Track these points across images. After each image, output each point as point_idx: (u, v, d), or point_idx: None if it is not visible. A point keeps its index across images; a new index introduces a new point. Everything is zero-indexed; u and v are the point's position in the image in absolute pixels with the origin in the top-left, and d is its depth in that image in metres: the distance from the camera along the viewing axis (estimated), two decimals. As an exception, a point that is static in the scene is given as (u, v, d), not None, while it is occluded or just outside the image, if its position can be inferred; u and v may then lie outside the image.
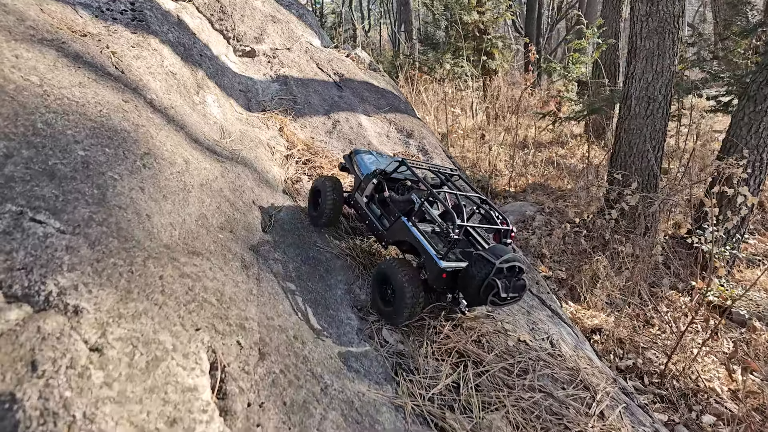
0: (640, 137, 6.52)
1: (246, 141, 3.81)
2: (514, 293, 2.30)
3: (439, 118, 11.20)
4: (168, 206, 2.39)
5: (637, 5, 6.45)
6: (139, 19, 3.86)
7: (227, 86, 4.31)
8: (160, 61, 3.67)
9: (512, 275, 2.28)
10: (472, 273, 2.26)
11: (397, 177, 2.97)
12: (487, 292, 2.22)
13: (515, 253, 2.31)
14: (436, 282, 2.37)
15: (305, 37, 5.58)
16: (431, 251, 2.38)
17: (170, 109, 3.30)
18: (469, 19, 12.54)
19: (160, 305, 1.66)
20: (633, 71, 6.55)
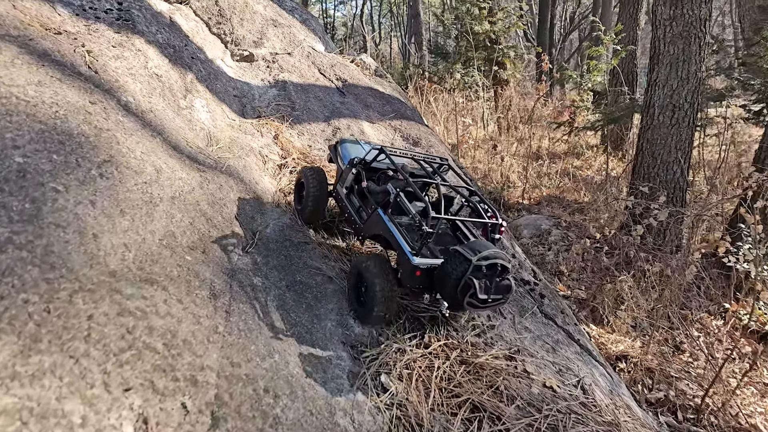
0: (665, 148, 6.03)
1: (235, 149, 3.43)
2: (497, 295, 2.04)
3: (449, 129, 10.81)
4: (125, 223, 2.00)
5: (659, 9, 6.00)
6: (125, 18, 3.51)
7: (220, 91, 3.95)
8: (144, 63, 3.31)
9: (494, 274, 2.03)
10: (447, 270, 2.02)
11: (380, 167, 2.73)
12: (464, 293, 1.98)
13: (498, 250, 2.06)
14: (410, 280, 2.16)
15: (307, 42, 5.22)
16: (404, 246, 2.16)
17: (149, 113, 2.93)
18: (480, 29, 12.16)
19: (78, 358, 1.26)
20: (656, 78, 6.07)
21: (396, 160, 2.58)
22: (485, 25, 12.24)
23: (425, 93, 11.70)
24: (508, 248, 3.48)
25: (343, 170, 2.81)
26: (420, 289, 2.25)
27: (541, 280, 3.24)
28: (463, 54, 12.04)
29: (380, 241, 2.57)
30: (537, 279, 3.19)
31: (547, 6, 17.68)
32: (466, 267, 1.96)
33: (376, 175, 2.76)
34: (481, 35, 12.33)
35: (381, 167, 2.74)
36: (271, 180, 3.35)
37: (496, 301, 2.06)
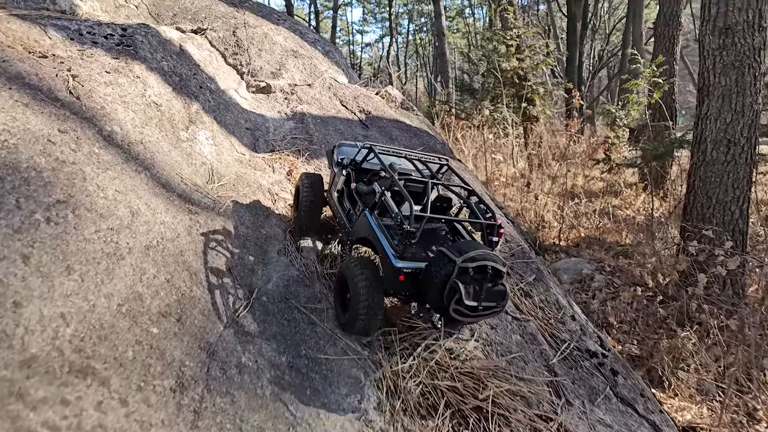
0: (721, 186, 5.33)
1: (241, 186, 2.94)
2: (489, 302, 1.79)
3: (478, 166, 10.31)
4: (69, 285, 1.48)
5: (707, 38, 5.42)
6: (126, 44, 3.14)
7: (230, 123, 3.52)
8: (142, 90, 2.90)
9: (484, 279, 1.79)
10: (430, 274, 1.82)
11: (372, 168, 2.48)
12: (450, 298, 1.75)
13: (489, 251, 1.84)
14: (393, 285, 1.92)
15: (329, 74, 4.83)
16: (387, 248, 1.94)
17: (137, 144, 2.47)
18: (507, 66, 11.81)
19: None
20: (707, 111, 5.44)
21: (390, 160, 2.37)
22: (513, 62, 11.89)
23: (453, 129, 11.31)
24: (565, 307, 2.84)
25: (335, 173, 2.60)
26: (406, 296, 2.01)
27: (610, 350, 2.58)
28: (491, 90, 11.65)
29: (368, 245, 2.29)
30: (605, 349, 2.53)
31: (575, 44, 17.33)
32: (450, 269, 1.74)
33: (367, 176, 2.50)
34: (509, 72, 11.97)
35: (374, 168, 2.49)
36: (280, 222, 2.84)
37: (488, 309, 1.80)
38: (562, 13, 20.15)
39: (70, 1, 3.30)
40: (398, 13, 23.90)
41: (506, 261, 3.12)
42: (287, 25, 5.19)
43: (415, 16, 24.50)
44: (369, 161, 2.45)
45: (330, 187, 2.69)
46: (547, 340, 2.54)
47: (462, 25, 25.07)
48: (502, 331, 2.45)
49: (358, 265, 2.02)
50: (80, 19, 3.07)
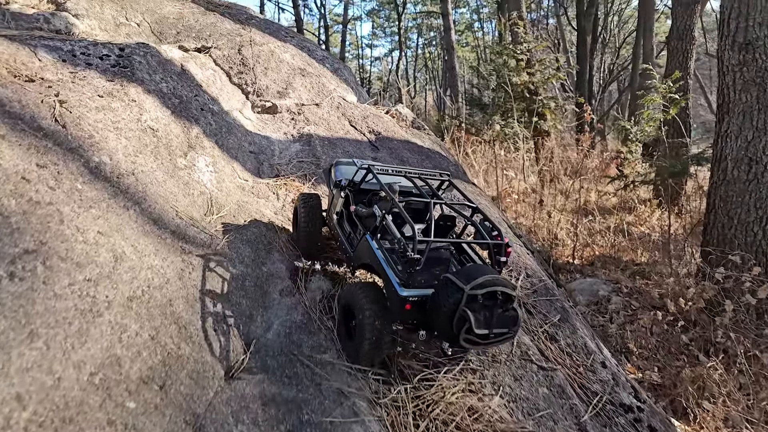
0: (743, 206, 5.06)
1: (242, 217, 2.72)
2: (501, 329, 1.71)
3: (488, 181, 10.08)
4: (31, 355, 1.25)
5: (726, 54, 5.19)
6: (122, 65, 2.96)
7: (233, 147, 3.31)
8: (137, 115, 2.70)
9: (494, 305, 1.71)
10: (438, 302, 1.72)
11: (371, 188, 2.37)
12: (459, 327, 1.65)
13: (498, 276, 1.74)
14: (399, 314, 1.81)
15: (338, 92, 4.63)
16: (391, 276, 1.84)
17: (128, 176, 2.27)
18: (518, 81, 11.61)
19: None
20: (727, 129, 5.19)
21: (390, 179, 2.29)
22: (523, 76, 11.69)
23: (463, 145, 11.10)
24: (594, 352, 2.57)
25: (333, 194, 2.49)
26: (414, 324, 1.87)
27: (646, 401, 2.31)
28: (502, 105, 11.44)
29: (372, 272, 2.20)
30: (641, 401, 2.26)
31: (586, 57, 17.12)
32: (458, 297, 1.65)
33: (367, 197, 2.38)
34: (520, 86, 11.77)
35: (373, 188, 2.37)
36: (283, 257, 2.60)
37: (500, 336, 1.72)
38: (572, 27, 19.96)
39: (66, 20, 3.14)
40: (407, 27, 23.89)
41: (528, 299, 2.86)
42: (295, 42, 5.02)
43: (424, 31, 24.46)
44: (368, 182, 2.32)
45: (329, 208, 2.56)
46: (577, 393, 2.27)
47: (471, 39, 24.96)
48: (527, 383, 2.19)
49: (363, 291, 1.91)
50: (75, 39, 2.90)
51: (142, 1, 4.12)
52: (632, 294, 6.28)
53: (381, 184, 2.11)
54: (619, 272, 7.11)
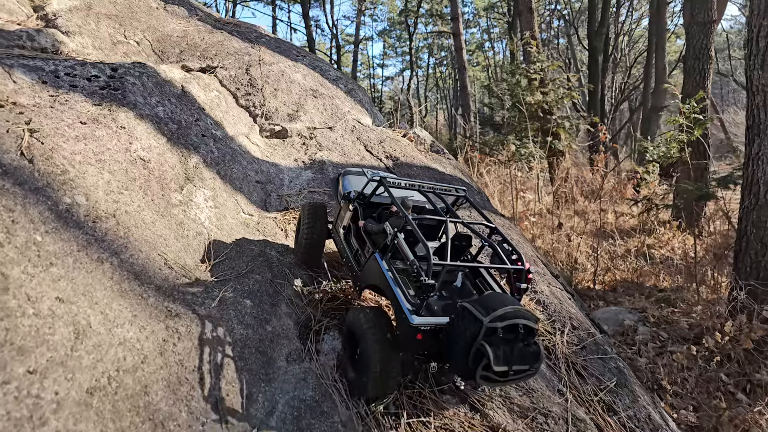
0: (777, 233, 4.68)
1: (244, 261, 2.30)
2: (522, 365, 1.51)
3: (503, 202, 9.67)
4: None
5: (755, 73, 4.82)
6: (113, 87, 2.58)
7: (237, 177, 2.91)
8: (126, 144, 2.31)
9: (515, 339, 1.51)
10: (454, 334, 1.52)
11: (382, 202, 2.17)
12: (477, 363, 1.45)
13: (520, 307, 1.54)
14: (409, 344, 1.60)
15: (352, 115, 4.25)
16: (402, 302, 1.61)
17: (106, 219, 1.86)
18: (532, 100, 11.25)
19: None
20: (758, 151, 4.81)
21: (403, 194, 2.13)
22: (537, 96, 11.35)
23: (476, 165, 10.71)
24: (661, 427, 2.09)
25: (341, 207, 2.25)
26: (425, 355, 1.73)
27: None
28: (516, 125, 11.09)
29: (380, 293, 2.01)
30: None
31: (597, 77, 16.78)
32: (476, 330, 1.49)
33: (377, 211, 2.17)
34: (534, 106, 11.42)
35: (383, 202, 2.18)
36: (292, 310, 2.17)
37: (520, 374, 1.55)
38: (583, 47, 19.63)
39: (53, 38, 2.79)
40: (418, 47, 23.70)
41: (577, 357, 2.39)
42: (307, 62, 4.66)
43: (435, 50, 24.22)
44: (378, 195, 2.11)
45: (335, 221, 2.32)
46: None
47: (482, 59, 24.68)
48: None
49: (368, 317, 1.72)
50: (60, 59, 2.53)
51: (143, 19, 3.78)
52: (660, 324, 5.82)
53: (393, 199, 1.90)
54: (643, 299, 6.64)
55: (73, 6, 3.23)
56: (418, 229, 1.72)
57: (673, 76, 19.55)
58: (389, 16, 23.89)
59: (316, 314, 2.17)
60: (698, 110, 8.02)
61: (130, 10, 3.82)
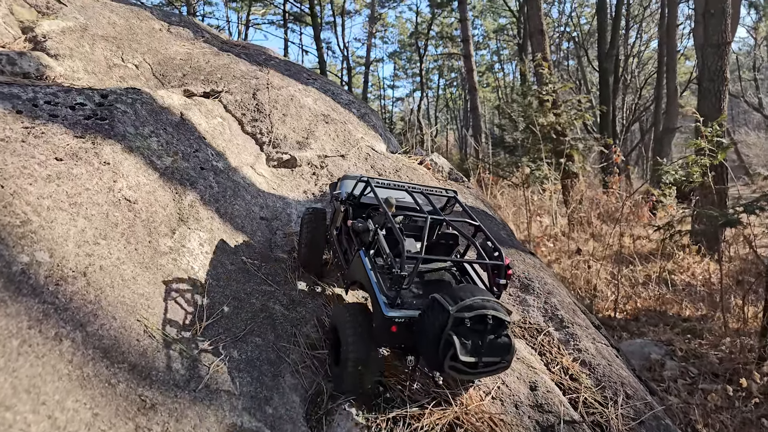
0: (811, 261, 4.25)
1: (244, 316, 1.93)
2: (491, 357, 1.51)
3: (517, 224, 9.30)
4: None
5: None
6: (99, 117, 2.25)
7: (238, 214, 2.56)
8: (109, 183, 1.96)
9: (484, 330, 1.50)
10: (424, 325, 1.53)
11: (372, 203, 2.15)
12: (445, 353, 1.46)
13: (490, 298, 1.54)
14: (385, 337, 1.60)
15: (366, 141, 3.90)
16: (378, 294, 1.63)
17: (75, 279, 1.50)
18: (544, 121, 10.94)
19: None
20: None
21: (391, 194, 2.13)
22: (550, 117, 11.04)
23: (490, 187, 10.36)
24: None
25: (335, 209, 2.34)
26: (401, 348, 1.70)
27: None
28: (530, 147, 10.77)
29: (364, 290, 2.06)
30: None
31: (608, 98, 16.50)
32: (444, 320, 1.47)
33: (366, 212, 2.16)
34: (547, 127, 11.11)
35: (373, 203, 2.18)
36: (298, 381, 1.78)
37: (490, 366, 1.52)
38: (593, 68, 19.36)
39: (38, 62, 2.48)
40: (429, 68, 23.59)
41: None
42: (318, 85, 4.34)
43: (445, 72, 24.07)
44: (368, 196, 2.13)
45: (331, 223, 2.36)
46: None
47: (492, 80, 24.49)
48: None
49: (349, 312, 1.75)
50: (41, 85, 2.21)
51: (144, 41, 3.49)
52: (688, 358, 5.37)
53: (377, 197, 1.93)
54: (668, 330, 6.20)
55: (67, 27, 2.94)
56: (395, 225, 1.72)
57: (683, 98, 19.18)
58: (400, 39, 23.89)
59: (327, 385, 1.78)
60: (720, 133, 7.64)
61: (131, 32, 3.53)
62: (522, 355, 2.27)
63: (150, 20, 3.84)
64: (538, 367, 2.27)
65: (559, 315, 2.63)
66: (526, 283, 2.81)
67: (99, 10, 3.48)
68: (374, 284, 1.69)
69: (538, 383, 2.12)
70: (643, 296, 7.61)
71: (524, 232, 8.77)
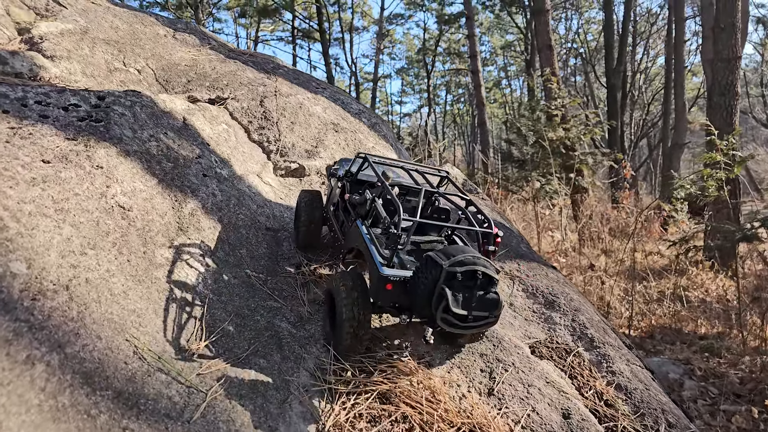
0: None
1: (245, 338, 1.73)
2: (481, 311, 1.59)
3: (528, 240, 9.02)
4: None
5: None
6: (95, 119, 2.08)
7: (243, 224, 2.37)
8: (102, 188, 1.79)
9: (474, 286, 1.58)
10: (418, 280, 1.62)
11: (369, 180, 2.26)
12: (437, 306, 1.54)
13: (480, 256, 1.63)
14: (381, 295, 1.67)
15: (377, 150, 3.73)
16: (375, 255, 1.72)
17: (55, 293, 1.31)
18: (554, 136, 10.79)
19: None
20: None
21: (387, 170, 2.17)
22: (559, 132, 10.89)
23: (500, 201, 10.18)
24: None
25: (332, 186, 2.44)
26: (396, 308, 1.77)
27: None
28: (540, 161, 10.61)
29: (360, 257, 2.04)
30: None
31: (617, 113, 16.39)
32: (437, 274, 1.56)
33: (363, 189, 2.20)
34: (556, 142, 10.95)
35: (370, 180, 2.27)
36: (306, 411, 1.57)
37: (479, 320, 1.61)
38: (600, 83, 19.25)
39: (31, 62, 2.33)
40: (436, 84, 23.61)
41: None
42: (327, 94, 4.19)
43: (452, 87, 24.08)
44: (365, 173, 2.26)
45: (327, 202, 2.46)
46: None
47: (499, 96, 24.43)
48: None
49: (343, 276, 1.79)
50: (32, 85, 2.06)
51: (148, 46, 3.36)
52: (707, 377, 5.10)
53: (375, 170, 2.03)
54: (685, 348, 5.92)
55: (66, 30, 2.81)
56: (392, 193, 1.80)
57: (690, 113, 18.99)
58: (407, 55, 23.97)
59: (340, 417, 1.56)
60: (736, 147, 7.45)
61: (134, 36, 3.40)
62: (552, 379, 2.05)
63: (155, 26, 3.72)
64: (570, 392, 2.05)
65: (589, 334, 2.40)
66: (551, 300, 2.59)
67: (102, 14, 3.36)
68: (370, 247, 1.77)
69: (572, 410, 1.89)
70: (657, 313, 7.35)
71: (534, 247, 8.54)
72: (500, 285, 2.70)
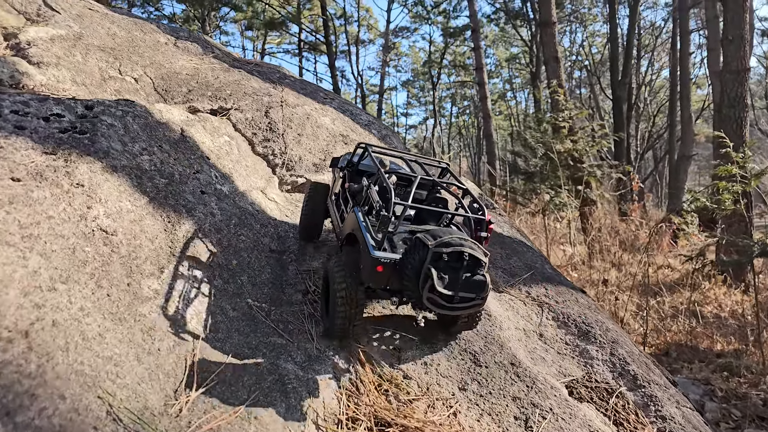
0: None
1: (244, 385, 1.46)
2: (467, 293, 1.57)
3: (538, 254, 8.75)
4: None
5: None
6: (79, 130, 1.84)
7: (244, 246, 2.11)
8: (80, 209, 1.53)
9: (460, 267, 1.56)
10: (406, 261, 1.62)
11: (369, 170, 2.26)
12: (423, 286, 1.54)
13: (467, 238, 1.64)
14: (372, 277, 1.66)
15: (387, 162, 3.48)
16: (367, 238, 1.71)
17: (13, 342, 1.06)
18: (561, 148, 10.57)
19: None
20: None
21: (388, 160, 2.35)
22: (567, 144, 10.67)
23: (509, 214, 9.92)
24: None
25: (334, 177, 2.44)
26: (387, 290, 1.78)
27: None
28: (550, 173, 10.38)
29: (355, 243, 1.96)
30: None
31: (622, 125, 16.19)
32: (424, 254, 1.56)
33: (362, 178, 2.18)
34: (564, 154, 10.72)
35: (370, 170, 2.26)
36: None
37: (466, 301, 1.59)
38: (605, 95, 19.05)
39: (14, 68, 2.10)
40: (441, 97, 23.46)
41: None
42: (335, 105, 3.96)
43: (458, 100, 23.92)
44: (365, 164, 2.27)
45: (330, 192, 2.45)
46: None
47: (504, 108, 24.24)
48: None
49: (337, 261, 1.80)
50: (9, 92, 1.82)
51: (147, 54, 3.13)
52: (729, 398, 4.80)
53: (372, 159, 2.05)
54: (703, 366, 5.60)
55: (57, 35, 2.59)
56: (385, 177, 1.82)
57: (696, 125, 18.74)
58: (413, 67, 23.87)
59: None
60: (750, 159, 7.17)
61: (132, 44, 3.18)
62: (596, 427, 1.75)
63: (155, 33, 3.51)
64: (616, 442, 1.76)
65: (631, 371, 2.11)
66: (584, 330, 2.30)
67: (98, 20, 3.15)
68: (364, 231, 1.75)
69: (622, 467, 1.60)
70: (672, 330, 7.03)
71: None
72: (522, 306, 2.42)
